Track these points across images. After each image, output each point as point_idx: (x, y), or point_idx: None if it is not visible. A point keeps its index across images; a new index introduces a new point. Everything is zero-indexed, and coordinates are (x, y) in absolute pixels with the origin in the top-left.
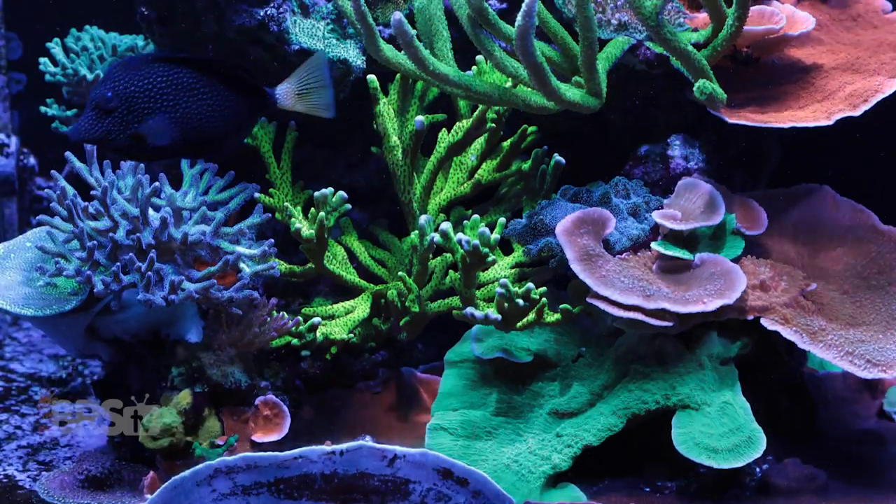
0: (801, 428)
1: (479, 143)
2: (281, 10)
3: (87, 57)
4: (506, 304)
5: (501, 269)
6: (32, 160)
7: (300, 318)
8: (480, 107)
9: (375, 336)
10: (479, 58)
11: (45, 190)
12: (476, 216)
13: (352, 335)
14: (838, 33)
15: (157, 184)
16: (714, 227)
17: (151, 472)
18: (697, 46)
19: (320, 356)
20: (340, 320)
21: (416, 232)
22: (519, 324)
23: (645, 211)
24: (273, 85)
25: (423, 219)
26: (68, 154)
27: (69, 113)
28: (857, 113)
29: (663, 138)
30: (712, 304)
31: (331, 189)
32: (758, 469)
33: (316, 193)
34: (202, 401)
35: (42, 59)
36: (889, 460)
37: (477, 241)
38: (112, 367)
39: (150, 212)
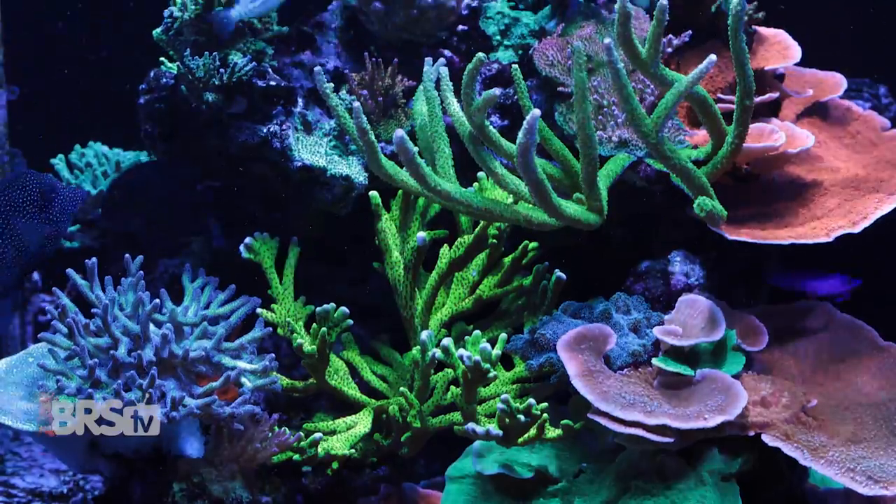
0: None
1: (480, 259)
2: (284, 126)
3: (90, 173)
4: (507, 420)
5: (503, 384)
6: (36, 275)
7: (301, 433)
8: (482, 223)
9: (377, 451)
10: (481, 174)
11: (47, 307)
12: (477, 332)
13: (353, 450)
14: (837, 150)
15: (157, 300)
16: (715, 343)
17: None
18: (697, 163)
19: (321, 472)
20: (342, 435)
21: (418, 347)
22: (520, 439)
23: (646, 327)
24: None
25: (424, 334)
26: (70, 271)
27: (73, 228)
28: (857, 230)
29: (664, 254)
30: (713, 421)
31: (333, 304)
32: None
33: (318, 309)
34: None
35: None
36: None
37: (478, 357)
38: (113, 482)
39: (152, 327)
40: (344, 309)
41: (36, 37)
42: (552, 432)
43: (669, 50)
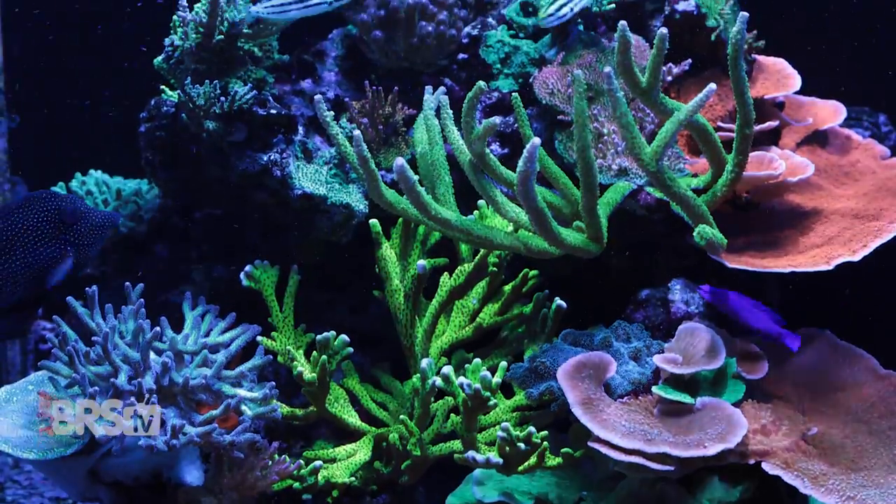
0: None
1: (480, 287)
2: (284, 155)
3: (91, 201)
4: (507, 448)
5: (503, 412)
6: None
7: (301, 461)
8: (482, 251)
9: (377, 479)
10: (481, 202)
11: (48, 335)
12: (477, 360)
13: (353, 478)
14: (837, 178)
15: (157, 329)
16: (715, 371)
17: None
18: (697, 191)
19: (322, 500)
20: (342, 463)
21: (418, 375)
22: (520, 467)
23: (646, 355)
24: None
25: (424, 362)
26: (70, 299)
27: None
28: (857, 258)
29: (664, 282)
30: (713, 449)
31: (333, 332)
32: None
33: (318, 337)
34: None
35: None
36: None
37: (478, 385)
38: None
39: (152, 355)
40: (344, 337)
41: (37, 65)
42: (552, 460)
43: (669, 78)
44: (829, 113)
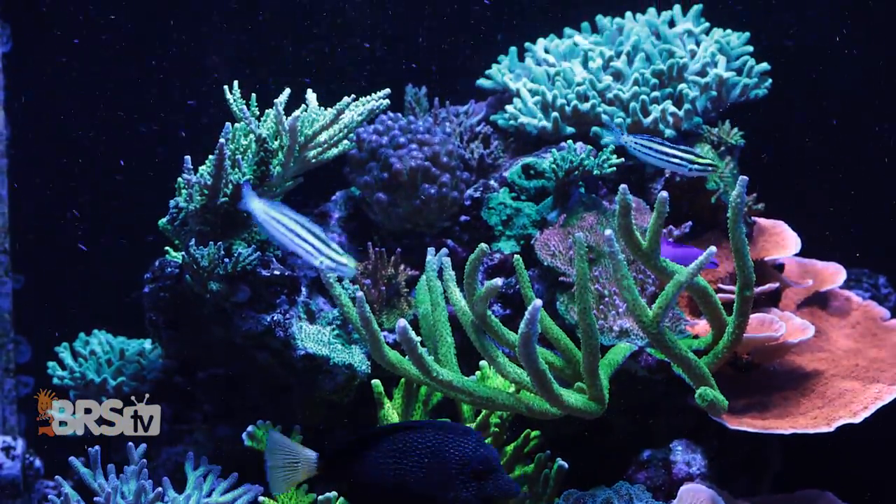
0: None
1: None
2: (287, 315)
3: (94, 361)
4: None
5: None
6: (38, 462)
7: None
8: (484, 411)
9: None
10: (483, 363)
11: (50, 494)
12: None
13: None
14: (838, 340)
15: (159, 489)
16: None
17: None
18: (698, 353)
19: None
20: None
21: None
22: None
23: None
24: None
25: None
26: (72, 459)
27: (74, 416)
28: (858, 420)
29: (666, 443)
30: None
31: (334, 493)
32: None
33: (320, 497)
34: None
35: (50, 363)
36: None
37: None
38: None
39: None
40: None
41: (42, 226)
42: None
43: (670, 240)
44: (830, 274)
